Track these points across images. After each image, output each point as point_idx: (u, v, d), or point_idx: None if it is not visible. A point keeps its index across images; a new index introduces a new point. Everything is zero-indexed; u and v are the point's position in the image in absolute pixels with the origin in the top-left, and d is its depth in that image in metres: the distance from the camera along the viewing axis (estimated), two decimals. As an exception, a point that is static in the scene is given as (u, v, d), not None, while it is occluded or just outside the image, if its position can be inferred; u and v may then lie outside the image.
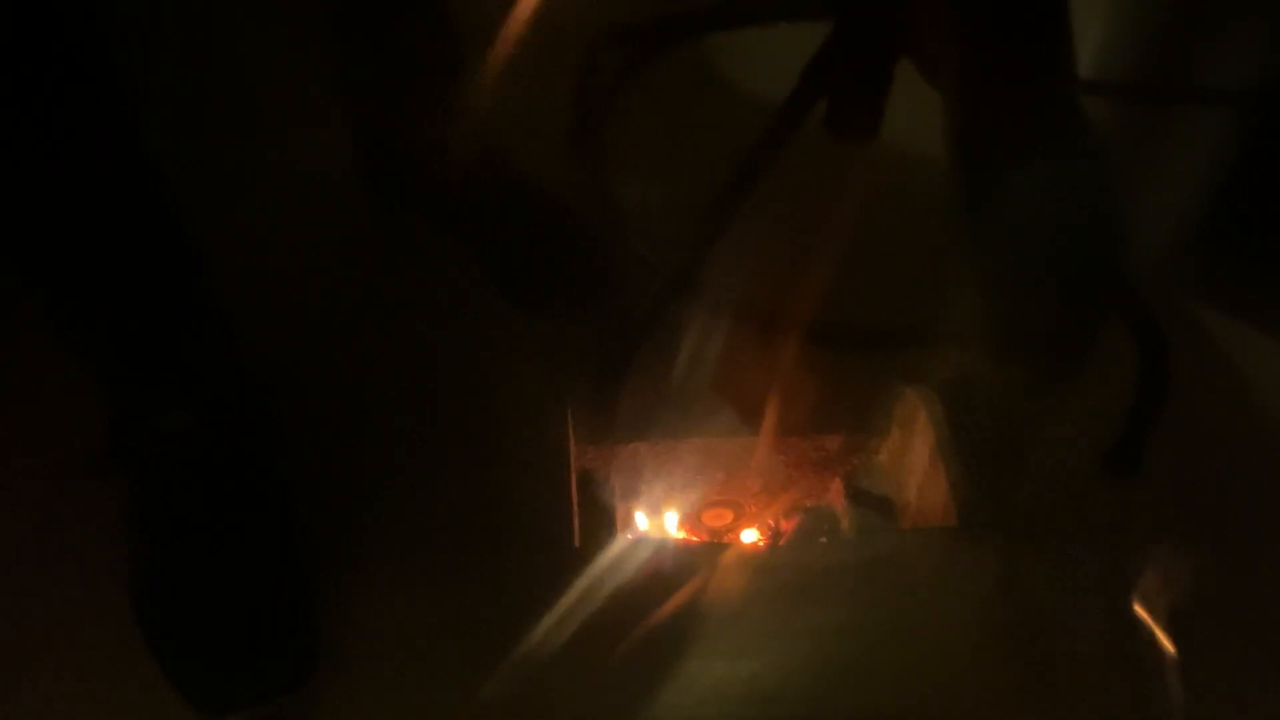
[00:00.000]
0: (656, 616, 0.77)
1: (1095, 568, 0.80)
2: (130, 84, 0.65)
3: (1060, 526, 0.82)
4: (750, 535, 0.92)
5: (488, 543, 0.81)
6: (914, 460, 0.88)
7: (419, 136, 0.95)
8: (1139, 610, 0.77)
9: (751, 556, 0.83)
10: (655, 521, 0.92)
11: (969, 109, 0.74)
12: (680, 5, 1.19)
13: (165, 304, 0.73)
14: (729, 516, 0.93)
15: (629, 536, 0.85)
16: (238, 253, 0.81)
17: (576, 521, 0.83)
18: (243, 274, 0.79)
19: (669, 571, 0.79)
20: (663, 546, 0.81)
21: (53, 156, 0.64)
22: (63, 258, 0.69)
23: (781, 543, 0.91)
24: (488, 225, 0.96)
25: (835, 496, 0.92)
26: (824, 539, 0.90)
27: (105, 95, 0.65)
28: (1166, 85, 1.11)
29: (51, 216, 0.66)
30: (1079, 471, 0.85)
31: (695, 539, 0.92)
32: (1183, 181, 1.02)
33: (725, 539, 0.92)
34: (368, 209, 0.99)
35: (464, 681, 0.74)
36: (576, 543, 0.82)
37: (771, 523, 0.92)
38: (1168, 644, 0.76)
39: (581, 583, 0.78)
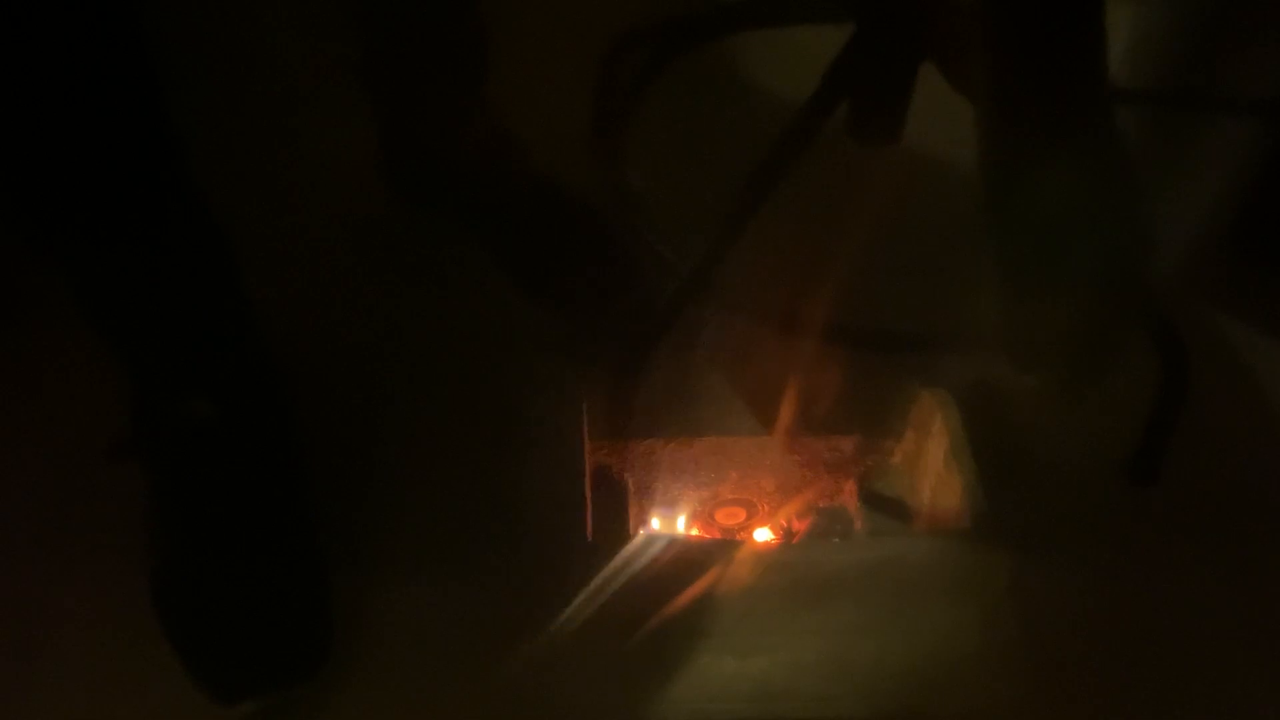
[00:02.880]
0: (667, 612, 0.77)
1: (1109, 574, 0.80)
2: (159, 72, 0.66)
3: (1074, 532, 0.82)
4: (763, 534, 0.92)
5: (501, 536, 0.81)
6: (928, 463, 0.88)
7: (441, 130, 0.96)
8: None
9: (763, 554, 0.82)
10: (668, 518, 0.92)
11: (995, 113, 0.73)
12: (704, 5, 1.19)
13: (191, 290, 0.74)
14: (742, 515, 0.93)
15: (642, 532, 0.85)
16: (260, 242, 0.82)
17: (590, 516, 0.83)
18: (265, 263, 0.80)
19: (681, 567, 0.79)
20: (675, 542, 0.81)
21: (83, 141, 0.65)
22: (91, 242, 0.69)
23: (794, 542, 0.91)
24: (507, 220, 0.96)
25: (849, 498, 0.92)
26: (836, 540, 0.90)
27: (135, 83, 0.65)
28: (1188, 93, 1.10)
29: (81, 200, 0.67)
30: (1093, 478, 0.85)
31: (708, 536, 0.92)
32: (1202, 189, 1.02)
33: (738, 537, 0.92)
34: (389, 202, 0.99)
35: (474, 673, 0.75)
36: (589, 537, 0.82)
37: (784, 523, 0.92)
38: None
39: (594, 577, 0.78)
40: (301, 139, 1.06)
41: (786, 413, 0.87)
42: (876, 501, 0.91)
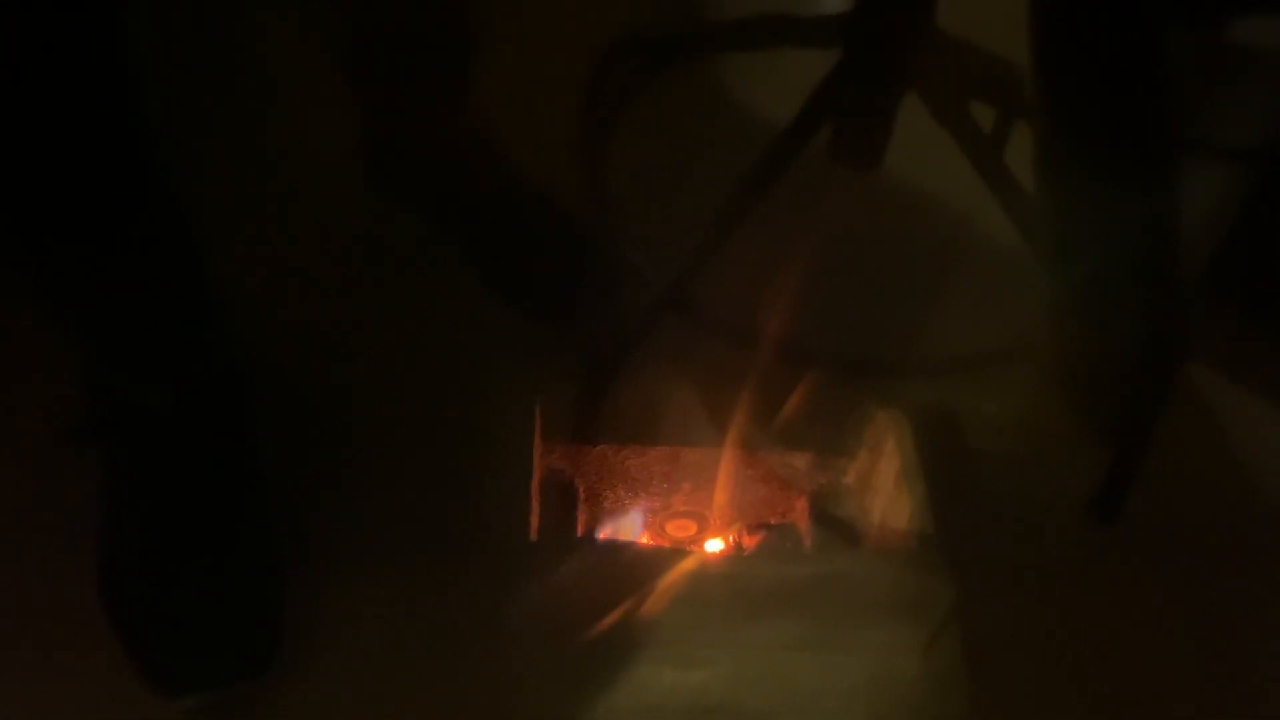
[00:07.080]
0: (608, 619, 0.76)
1: (1054, 601, 0.80)
2: (131, 67, 0.65)
3: (1019, 559, 0.83)
4: (712, 547, 0.91)
5: (448, 536, 0.81)
6: (880, 483, 0.88)
7: (422, 127, 0.96)
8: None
9: (708, 566, 0.82)
10: (616, 526, 0.91)
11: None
12: (693, 22, 1.20)
13: (154, 281, 0.73)
14: (692, 528, 0.92)
15: (587, 538, 0.84)
16: (228, 237, 0.81)
17: (536, 519, 0.82)
18: (231, 258, 0.79)
19: (623, 575, 0.78)
20: (619, 549, 0.81)
21: (50, 133, 0.63)
22: (54, 232, 0.68)
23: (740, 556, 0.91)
24: (482, 221, 0.96)
25: (800, 515, 0.91)
26: (783, 555, 0.89)
27: (105, 73, 0.64)
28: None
29: (45, 192, 0.66)
30: (1044, 506, 0.85)
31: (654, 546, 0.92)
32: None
33: (686, 549, 0.92)
34: (359, 198, 0.99)
35: (417, 674, 0.74)
36: (533, 539, 0.81)
37: (734, 537, 0.91)
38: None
39: (535, 581, 0.77)
40: (274, 131, 1.05)
41: (741, 426, 0.87)
42: (827, 519, 0.90)
